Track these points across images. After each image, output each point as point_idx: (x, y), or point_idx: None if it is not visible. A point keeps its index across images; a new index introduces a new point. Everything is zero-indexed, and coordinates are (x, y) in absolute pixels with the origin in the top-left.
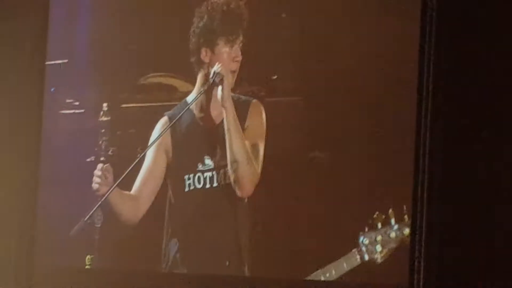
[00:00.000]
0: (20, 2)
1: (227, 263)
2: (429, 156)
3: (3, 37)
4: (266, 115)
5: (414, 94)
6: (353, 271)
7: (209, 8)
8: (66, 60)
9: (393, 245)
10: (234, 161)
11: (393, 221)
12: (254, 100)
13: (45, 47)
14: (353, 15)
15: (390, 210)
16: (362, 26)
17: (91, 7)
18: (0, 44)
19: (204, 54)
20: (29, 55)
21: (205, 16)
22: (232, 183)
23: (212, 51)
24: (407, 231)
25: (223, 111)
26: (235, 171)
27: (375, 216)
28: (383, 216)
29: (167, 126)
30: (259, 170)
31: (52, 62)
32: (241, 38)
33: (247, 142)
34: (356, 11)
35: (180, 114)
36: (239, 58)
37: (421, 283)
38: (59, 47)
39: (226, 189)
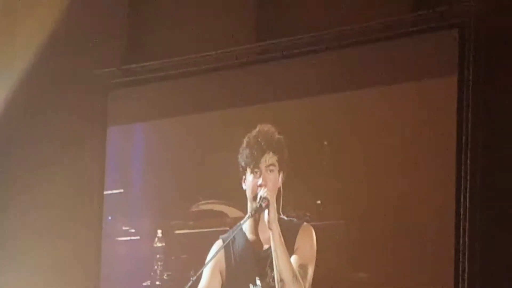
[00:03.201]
0: (80, 133)
1: None
2: (469, 271)
3: (65, 167)
4: None
5: (452, 214)
6: None
7: (246, 139)
8: (121, 190)
9: None
10: (281, 280)
11: None
12: (305, 223)
13: (103, 178)
14: (392, 139)
15: None
16: (401, 151)
17: (144, 137)
18: (62, 174)
19: (242, 182)
20: (89, 184)
21: (242, 147)
22: None
23: (245, 179)
24: None
25: (270, 233)
26: None
27: None
28: None
29: (220, 248)
30: None
31: (110, 192)
32: (273, 164)
33: (296, 262)
34: (395, 136)
35: (231, 237)
36: (264, 184)
37: None
38: (116, 177)
39: None
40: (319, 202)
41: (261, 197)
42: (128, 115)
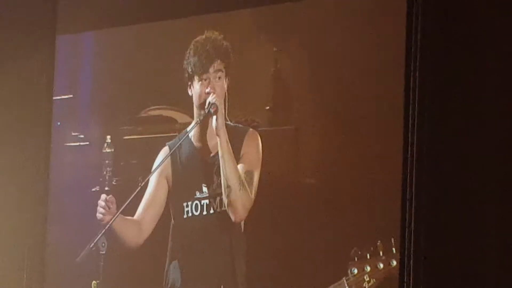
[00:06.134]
0: (28, 41)
1: (221, 287)
2: (416, 189)
3: (12, 73)
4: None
5: (400, 127)
6: None
7: (193, 45)
8: (71, 95)
9: (381, 275)
10: (227, 186)
11: (381, 252)
12: (251, 129)
13: (52, 83)
14: (342, 46)
15: (379, 242)
16: (351, 58)
17: (94, 46)
18: (9, 80)
19: (188, 88)
20: (37, 90)
21: (189, 53)
22: (226, 207)
23: (192, 86)
24: (394, 262)
25: (218, 139)
26: (228, 196)
27: (364, 247)
28: (372, 248)
29: (167, 155)
30: (252, 195)
31: (58, 97)
32: (220, 71)
33: (242, 169)
34: (344, 44)
35: (178, 144)
36: (212, 91)
37: None
38: (65, 83)
39: (221, 215)
40: (267, 108)
41: (209, 103)
42: (77, 24)
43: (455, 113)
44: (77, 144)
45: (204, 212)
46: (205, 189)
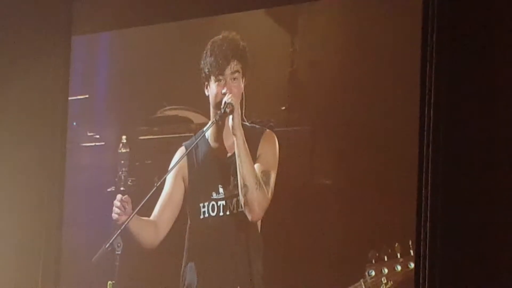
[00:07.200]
0: (44, 42)
1: None
2: (431, 192)
3: (28, 74)
4: None
5: (416, 128)
6: None
7: (210, 45)
8: (87, 96)
9: (398, 278)
10: (244, 185)
11: (399, 254)
12: (267, 130)
13: (68, 84)
14: (357, 47)
15: (396, 244)
16: (367, 59)
17: (109, 47)
18: (25, 81)
19: (205, 88)
20: (53, 91)
21: (206, 53)
22: (242, 207)
23: (209, 86)
24: (412, 265)
25: (234, 139)
26: (244, 195)
27: (382, 249)
28: (389, 250)
29: (183, 155)
30: (269, 195)
31: (74, 98)
32: (237, 72)
33: (258, 169)
34: (363, 47)
35: (194, 143)
36: (228, 92)
37: None
38: (80, 83)
39: (238, 216)
40: (283, 108)
41: (225, 102)
42: (92, 24)
43: (471, 113)
44: (93, 144)
45: (221, 213)
46: (221, 190)
